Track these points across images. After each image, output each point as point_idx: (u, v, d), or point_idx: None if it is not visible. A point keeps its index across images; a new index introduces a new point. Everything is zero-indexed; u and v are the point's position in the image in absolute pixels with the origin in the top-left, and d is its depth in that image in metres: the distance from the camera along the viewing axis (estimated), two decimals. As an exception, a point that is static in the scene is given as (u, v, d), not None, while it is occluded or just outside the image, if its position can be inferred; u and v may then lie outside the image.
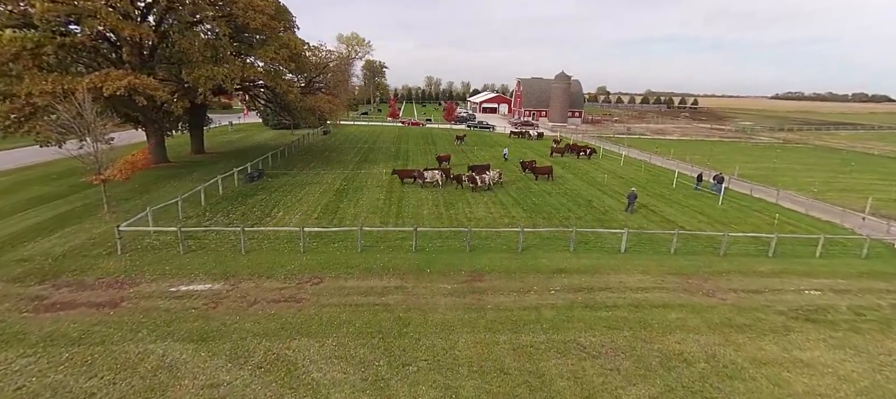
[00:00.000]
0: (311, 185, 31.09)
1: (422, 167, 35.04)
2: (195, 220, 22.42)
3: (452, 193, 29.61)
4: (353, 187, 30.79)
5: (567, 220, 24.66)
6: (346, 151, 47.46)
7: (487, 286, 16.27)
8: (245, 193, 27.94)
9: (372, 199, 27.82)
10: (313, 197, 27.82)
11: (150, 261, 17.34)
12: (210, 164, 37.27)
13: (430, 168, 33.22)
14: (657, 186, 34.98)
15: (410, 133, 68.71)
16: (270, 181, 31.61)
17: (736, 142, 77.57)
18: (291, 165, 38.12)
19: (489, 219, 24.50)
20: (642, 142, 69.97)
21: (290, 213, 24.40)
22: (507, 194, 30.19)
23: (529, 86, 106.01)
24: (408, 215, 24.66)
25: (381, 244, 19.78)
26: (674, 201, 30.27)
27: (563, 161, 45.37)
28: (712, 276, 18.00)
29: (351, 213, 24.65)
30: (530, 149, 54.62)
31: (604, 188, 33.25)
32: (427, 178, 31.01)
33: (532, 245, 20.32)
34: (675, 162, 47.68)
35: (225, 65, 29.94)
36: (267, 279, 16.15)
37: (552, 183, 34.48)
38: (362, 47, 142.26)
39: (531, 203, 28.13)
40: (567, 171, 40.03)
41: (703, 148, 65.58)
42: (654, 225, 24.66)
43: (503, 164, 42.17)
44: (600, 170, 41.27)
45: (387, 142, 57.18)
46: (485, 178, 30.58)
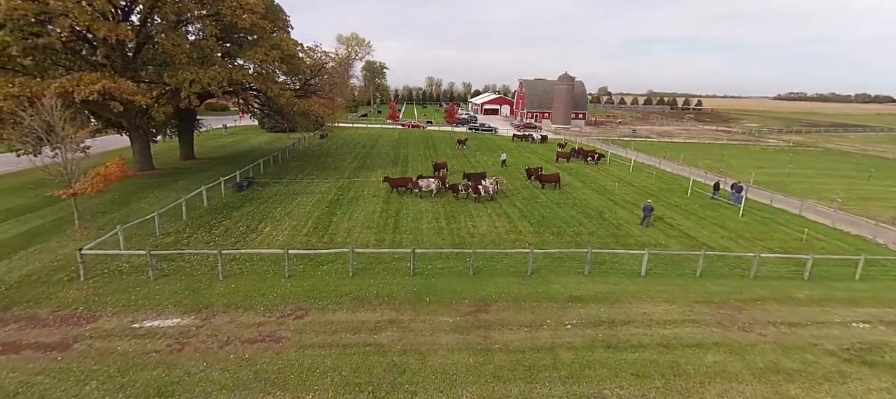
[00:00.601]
0: (304, 195, 29.18)
1: (416, 175, 33.13)
2: (173, 238, 20.52)
3: (454, 205, 27.70)
4: (349, 197, 28.88)
5: (579, 237, 22.72)
6: (343, 156, 45.58)
7: (494, 319, 14.36)
8: (231, 205, 26.05)
9: (367, 211, 25.91)
10: (305, 209, 25.91)
11: (115, 289, 15.45)
12: (199, 171, 35.41)
13: (425, 176, 31.32)
14: (671, 195, 33.02)
15: (410, 136, 66.85)
16: (260, 191, 29.72)
17: (745, 145, 75.54)
18: (285, 172, 36.25)
19: (494, 234, 22.57)
20: (649, 145, 68.00)
21: (279, 227, 22.49)
22: (512, 205, 28.27)
23: (532, 87, 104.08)
24: (405, 230, 22.74)
25: (376, 266, 17.87)
26: (690, 212, 28.31)
27: (570, 167, 43.44)
28: (746, 305, 16.05)
29: (344, 228, 22.74)
30: (534, 153, 52.71)
31: (615, 198, 31.30)
32: (422, 187, 29.12)
33: (543, 267, 18.40)
34: (686, 168, 45.69)
35: (212, 67, 28.07)
36: (244, 311, 14.25)
37: (560, 192, 32.55)
38: (362, 48, 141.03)
39: (538, 215, 26.20)
40: (574, 177, 38.09)
41: (712, 152, 63.59)
42: (673, 241, 22.71)
43: (502, 170, 40.24)
44: (609, 176, 39.33)
45: (386, 146, 55.30)
46: (488, 188, 28.68)
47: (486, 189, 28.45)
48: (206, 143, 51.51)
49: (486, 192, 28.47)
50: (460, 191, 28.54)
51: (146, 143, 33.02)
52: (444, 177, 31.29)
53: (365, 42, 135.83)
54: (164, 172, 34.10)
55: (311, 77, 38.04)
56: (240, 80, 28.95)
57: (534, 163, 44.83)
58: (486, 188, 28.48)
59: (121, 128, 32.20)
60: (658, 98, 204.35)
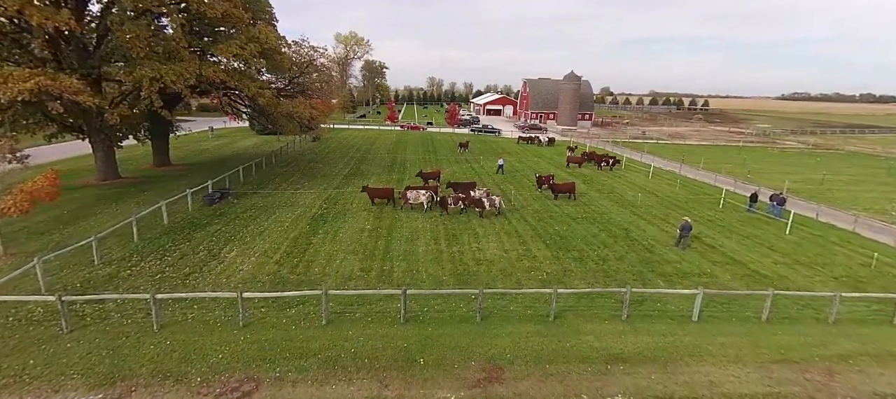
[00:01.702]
0: (284, 208, 25.49)
1: (405, 186, 29.42)
2: (114, 268, 16.82)
3: (456, 222, 23.97)
4: (335, 211, 25.18)
5: (606, 262, 18.97)
6: (335, 161, 41.90)
7: (511, 393, 10.65)
8: (197, 223, 22.35)
9: (355, 229, 22.19)
10: (282, 227, 22.21)
11: (11, 348, 11.76)
12: (171, 179, 31.74)
13: (413, 186, 27.60)
14: (701, 207, 29.24)
15: (409, 139, 63.15)
16: (235, 204, 26.03)
17: (762, 147, 71.63)
18: (268, 180, 32.57)
19: (504, 260, 18.83)
20: (662, 148, 64.16)
21: (247, 253, 18.78)
22: (523, 220, 24.54)
23: (536, 87, 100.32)
24: (398, 255, 19.02)
25: (357, 309, 14.16)
26: (729, 229, 24.54)
27: (583, 173, 39.68)
28: (837, 366, 12.31)
29: (325, 253, 19.01)
30: (542, 157, 48.95)
31: (639, 211, 27.53)
32: (410, 199, 25.45)
33: (568, 307, 14.67)
34: (709, 174, 41.89)
35: (178, 62, 24.42)
36: (173, 385, 10.56)
37: (575, 203, 28.81)
38: (361, 47, 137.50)
39: (555, 234, 22.46)
40: (590, 186, 34.32)
41: (729, 154, 59.73)
42: (719, 268, 18.94)
43: (498, 178, 36.44)
44: (627, 184, 35.57)
45: (382, 149, 51.60)
46: (495, 201, 24.94)
47: (492, 202, 24.73)
48: (188, 147, 47.88)
49: (493, 206, 24.75)
50: (450, 205, 24.84)
51: (109, 149, 29.35)
52: (437, 188, 27.44)
53: (364, 41, 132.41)
54: (130, 182, 30.42)
55: (299, 75, 34.36)
56: (210, 77, 25.25)
57: (542, 168, 41.12)
58: (492, 202, 24.76)
59: (80, 132, 28.55)
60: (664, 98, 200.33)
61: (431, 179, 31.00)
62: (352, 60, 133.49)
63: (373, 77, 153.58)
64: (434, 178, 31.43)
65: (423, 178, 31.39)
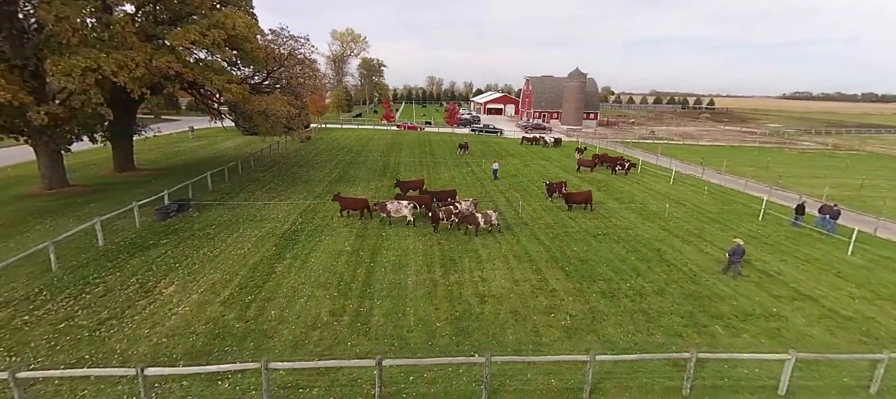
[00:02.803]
0: (252, 223, 21.58)
1: (390, 197, 25.52)
2: (10, 311, 12.91)
3: (453, 241, 20.06)
4: (311, 227, 21.26)
5: (643, 298, 15.04)
6: (322, 164, 37.99)
7: None
8: (140, 244, 18.43)
9: (331, 252, 18.27)
10: (243, 249, 18.30)
11: None
12: (130, 187, 27.82)
13: (404, 188, 23.82)
14: (738, 220, 25.32)
15: (405, 139, 59.18)
16: (195, 217, 22.11)
17: (779, 148, 67.68)
18: (242, 187, 28.66)
19: (515, 296, 14.92)
20: (675, 148, 60.20)
21: (191, 286, 14.87)
22: (534, 238, 20.63)
23: (540, 85, 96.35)
24: (380, 290, 15.10)
25: (317, 382, 10.25)
26: (780, 249, 20.62)
27: (595, 178, 35.76)
28: None
29: (288, 287, 15.10)
30: (548, 160, 44.99)
31: (668, 225, 23.62)
32: (390, 211, 21.60)
33: (606, 374, 10.76)
34: (735, 178, 37.97)
35: (122, 50, 20.51)
36: None
37: (592, 214, 24.91)
38: (358, 44, 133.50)
39: (574, 257, 18.55)
40: (606, 193, 30.39)
41: (747, 156, 55.78)
42: (787, 305, 15.00)
43: (500, 183, 32.49)
44: (647, 191, 31.65)
45: (375, 151, 47.66)
46: (491, 217, 20.82)
47: (487, 218, 20.71)
48: (163, 149, 43.97)
49: (488, 221, 20.70)
50: (443, 220, 20.96)
51: (55, 153, 25.43)
52: (428, 200, 23.41)
53: (361, 38, 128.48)
54: (79, 191, 26.47)
55: (277, 68, 30.40)
56: (163, 68, 21.30)
57: (550, 173, 37.23)
58: (487, 217, 20.74)
59: (20, 133, 24.61)
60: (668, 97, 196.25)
61: (412, 189, 26.56)
62: (348, 58, 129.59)
63: (371, 75, 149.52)
64: (416, 187, 26.76)
65: (401, 187, 26.79)
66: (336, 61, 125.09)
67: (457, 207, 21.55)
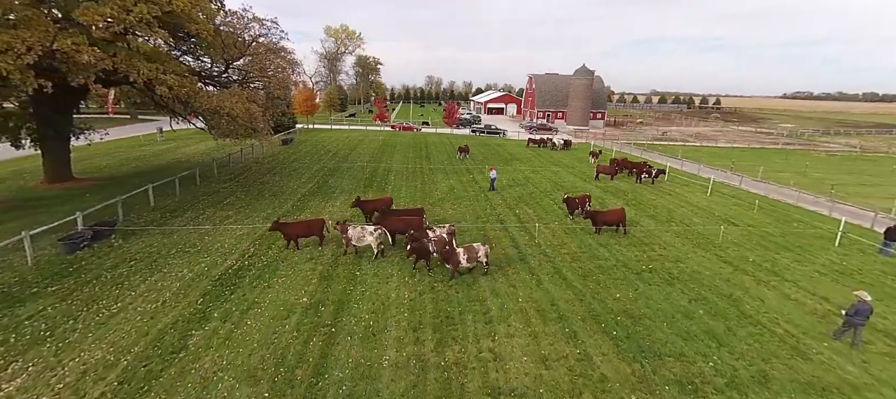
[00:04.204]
0: (186, 255, 16.37)
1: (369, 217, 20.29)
2: None
3: (454, 291, 14.86)
4: (263, 262, 16.04)
5: (734, 383, 9.86)
6: (299, 172, 32.75)
7: None
8: (19, 292, 13.19)
9: (280, 307, 13.05)
10: (158, 300, 13.09)
11: None
12: (58, 203, 22.54)
13: (379, 221, 18.48)
14: (809, 246, 20.14)
15: (399, 141, 53.89)
16: (115, 247, 16.88)
17: (804, 151, 62.57)
18: (193, 202, 23.44)
19: (545, 391, 9.72)
20: (697, 152, 54.97)
21: (46, 377, 9.68)
22: (559, 277, 15.47)
23: (544, 83, 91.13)
24: (339, 385, 9.91)
25: None
26: (885, 290, 15.47)
27: (617, 187, 30.56)
28: None
29: (197, 376, 9.88)
30: (559, 165, 39.76)
31: (727, 254, 18.45)
32: (352, 238, 16.47)
33: None
34: (779, 187, 32.81)
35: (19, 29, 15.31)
36: None
37: (627, 239, 19.74)
38: (353, 41, 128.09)
39: (619, 310, 13.37)
40: (637, 209, 25.17)
41: (776, 160, 50.68)
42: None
43: (506, 196, 27.28)
44: (683, 204, 26.48)
45: (364, 154, 42.41)
46: (478, 252, 15.10)
47: (471, 254, 15.12)
48: (122, 153, 38.69)
49: (473, 260, 15.13)
50: (434, 256, 15.51)
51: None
52: (418, 223, 17.83)
53: (355, 34, 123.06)
54: (-15, 208, 21.22)
55: (239, 56, 25.14)
56: (69, 52, 16.06)
57: (565, 181, 32.03)
58: (470, 252, 15.07)
59: None
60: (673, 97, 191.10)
61: (376, 210, 20.93)
62: (343, 55, 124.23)
63: (366, 74, 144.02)
64: (381, 209, 20.89)
65: (363, 209, 20.99)
66: (329, 59, 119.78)
67: (433, 237, 16.15)
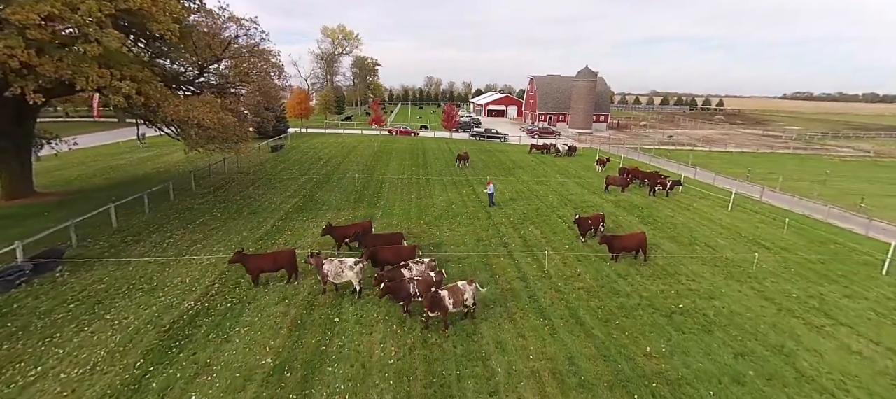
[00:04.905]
0: (140, 294, 13.99)
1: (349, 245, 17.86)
2: None
3: (449, 341, 12.49)
4: (226, 304, 13.65)
5: None
6: (286, 184, 30.35)
7: None
8: (-88, 352, 10.82)
9: (236, 372, 10.66)
10: (88, 362, 10.72)
11: None
12: (11, 224, 20.14)
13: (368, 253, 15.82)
14: (853, 274, 17.76)
15: (395, 147, 51.49)
16: (59, 282, 14.50)
17: (816, 156, 60.23)
18: (163, 222, 21.07)
19: None
20: (707, 157, 52.57)
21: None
22: (576, 322, 13.11)
23: (545, 85, 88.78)
24: None
25: None
26: (961, 339, 13.10)
27: (630, 201, 28.17)
28: None
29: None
30: (567, 175, 37.38)
31: (765, 287, 16.07)
32: (328, 275, 14.06)
33: None
34: (805, 201, 30.44)
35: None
36: None
37: (648, 267, 17.37)
38: (350, 41, 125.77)
39: (651, 372, 11.01)
40: (653, 227, 22.76)
41: (791, 166, 48.34)
42: None
43: (497, 214, 24.88)
44: (705, 222, 24.09)
45: (359, 162, 40.03)
46: (463, 291, 12.56)
47: (458, 299, 12.40)
48: (99, 162, 36.33)
49: (459, 303, 12.46)
50: (416, 299, 12.98)
51: None
52: (409, 253, 15.55)
53: (353, 34, 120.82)
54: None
55: (213, 60, 22.77)
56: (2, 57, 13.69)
57: (572, 193, 29.65)
58: (456, 294, 12.40)
59: None
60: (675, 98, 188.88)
61: (349, 237, 18.05)
62: (340, 56, 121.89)
63: (364, 75, 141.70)
64: (357, 235, 17.80)
65: (334, 236, 17.97)
66: (326, 60, 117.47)
67: (412, 272, 13.70)
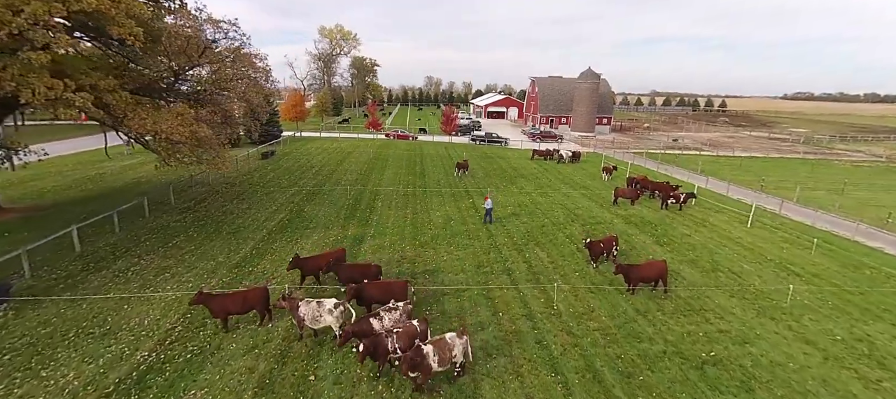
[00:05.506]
0: (87, 341, 12.10)
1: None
2: None
3: None
4: (185, 356, 11.76)
5: None
6: (273, 196, 28.42)
7: None
8: None
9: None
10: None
11: None
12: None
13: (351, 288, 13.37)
14: (885, 303, 15.88)
15: (392, 153, 49.52)
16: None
17: (827, 160, 58.29)
18: (133, 243, 19.17)
19: None
20: (715, 163, 50.58)
21: None
22: (593, 378, 11.21)
23: (547, 87, 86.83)
24: None
25: None
26: None
27: (641, 216, 26.23)
28: None
29: None
30: (572, 185, 35.43)
31: (805, 327, 14.18)
32: (304, 319, 12.15)
33: None
34: (826, 214, 28.53)
35: None
36: None
37: (670, 301, 15.46)
38: (348, 42, 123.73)
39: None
40: (668, 249, 20.85)
41: (802, 172, 46.38)
42: None
43: (498, 232, 22.96)
44: (724, 241, 22.15)
45: (352, 171, 38.10)
46: (452, 345, 10.54)
47: (445, 356, 10.46)
48: (78, 171, 34.41)
49: (445, 361, 10.48)
50: (395, 357, 10.82)
51: None
52: (400, 290, 13.39)
53: (351, 35, 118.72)
54: None
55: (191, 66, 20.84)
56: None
57: (579, 208, 27.70)
58: (445, 353, 10.50)
59: None
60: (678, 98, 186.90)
61: (320, 270, 15.75)
62: (337, 57, 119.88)
63: (362, 76, 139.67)
64: (329, 265, 15.48)
65: (301, 269, 15.57)
66: (324, 60, 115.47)
67: (377, 324, 11.64)
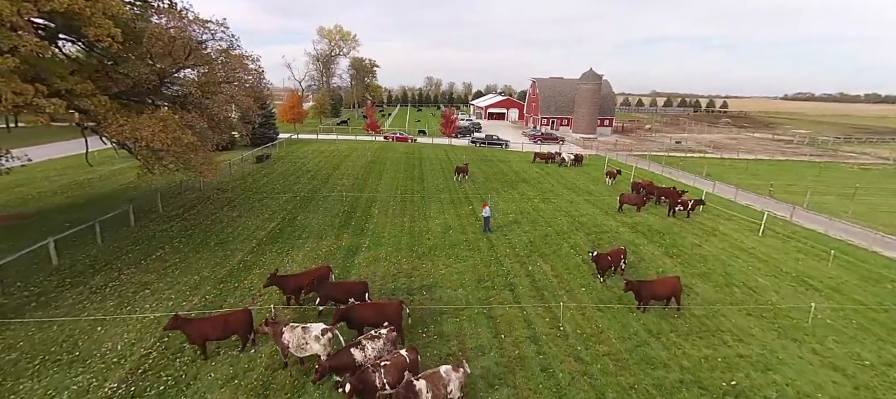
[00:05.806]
0: (58, 367, 11.12)
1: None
2: None
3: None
4: (159, 386, 10.73)
5: None
6: (266, 203, 27.39)
7: None
8: None
9: None
10: None
11: None
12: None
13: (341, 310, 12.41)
14: (932, 330, 14.83)
15: (390, 156, 48.43)
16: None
17: (834, 163, 57.24)
18: (115, 256, 18.15)
19: None
20: (720, 166, 49.48)
21: None
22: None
23: (548, 88, 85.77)
24: None
25: None
26: None
27: (648, 224, 25.20)
28: None
29: None
30: (575, 191, 34.37)
31: (831, 352, 13.17)
32: (289, 345, 11.15)
33: None
34: (840, 222, 27.49)
35: None
36: None
37: (686, 323, 14.43)
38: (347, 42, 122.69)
39: None
40: (678, 261, 19.83)
41: (809, 176, 45.33)
42: None
43: (499, 242, 21.93)
44: (737, 251, 21.12)
45: (349, 175, 37.06)
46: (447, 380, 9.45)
47: (439, 393, 9.27)
48: (66, 175, 33.43)
49: (440, 396, 9.31)
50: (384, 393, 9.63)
51: None
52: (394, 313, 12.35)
53: (350, 35, 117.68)
54: None
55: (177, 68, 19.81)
56: None
57: (584, 215, 26.65)
58: (440, 389, 9.30)
59: None
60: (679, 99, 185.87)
61: (301, 290, 14.42)
62: (336, 57, 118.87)
63: (361, 76, 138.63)
64: (312, 285, 14.18)
65: (280, 287, 14.52)
66: (322, 61, 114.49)
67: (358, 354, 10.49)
